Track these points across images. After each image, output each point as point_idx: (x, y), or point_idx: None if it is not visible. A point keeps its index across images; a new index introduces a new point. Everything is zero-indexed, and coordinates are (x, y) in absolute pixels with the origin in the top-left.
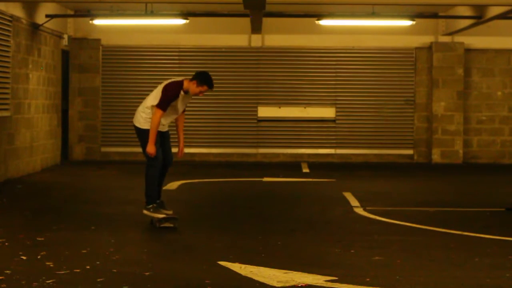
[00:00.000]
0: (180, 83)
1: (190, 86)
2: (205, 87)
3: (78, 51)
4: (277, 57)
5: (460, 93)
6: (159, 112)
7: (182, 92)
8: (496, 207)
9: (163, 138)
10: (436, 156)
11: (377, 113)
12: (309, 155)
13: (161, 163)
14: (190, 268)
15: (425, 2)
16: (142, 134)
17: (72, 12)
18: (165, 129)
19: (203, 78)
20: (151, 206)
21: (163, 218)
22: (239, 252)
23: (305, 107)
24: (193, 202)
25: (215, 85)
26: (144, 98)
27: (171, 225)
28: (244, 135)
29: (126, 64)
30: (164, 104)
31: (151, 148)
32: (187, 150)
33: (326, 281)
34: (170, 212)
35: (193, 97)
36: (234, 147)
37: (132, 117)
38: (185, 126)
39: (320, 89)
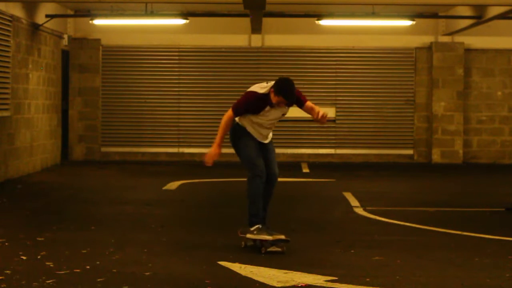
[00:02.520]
0: (264, 97)
1: (271, 95)
2: (281, 98)
3: (78, 51)
4: (277, 57)
5: (460, 93)
6: (230, 114)
7: (269, 106)
8: (496, 207)
9: (266, 151)
10: (436, 156)
11: (377, 113)
12: (309, 155)
13: (264, 175)
14: (190, 268)
15: (425, 2)
16: (231, 134)
17: (72, 12)
18: (266, 140)
19: (277, 87)
20: (255, 228)
21: (274, 240)
22: (239, 252)
23: None
24: (193, 202)
25: (214, 85)
26: (144, 98)
27: (279, 249)
28: None
29: (126, 64)
30: (239, 109)
31: (212, 151)
32: (187, 150)
33: (326, 281)
34: (281, 236)
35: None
36: None
37: (132, 117)
38: (185, 126)
39: (320, 89)
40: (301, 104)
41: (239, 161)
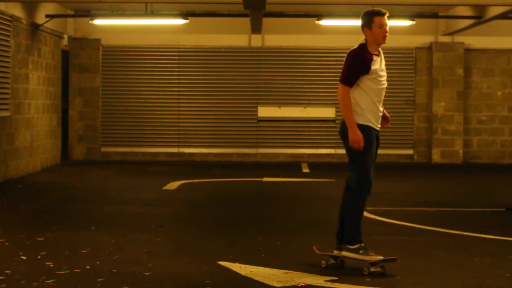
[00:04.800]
0: (362, 49)
1: (368, 38)
2: (378, 19)
3: (78, 51)
4: (277, 57)
5: (460, 93)
6: (344, 88)
7: (372, 57)
8: (496, 207)
9: (376, 148)
10: (436, 156)
11: None
12: (309, 155)
13: (371, 186)
14: (190, 268)
15: (425, 2)
16: (345, 131)
17: (72, 12)
18: (379, 123)
19: (366, 15)
20: (358, 245)
21: (380, 260)
22: (239, 252)
23: (305, 107)
24: (193, 202)
25: (214, 85)
26: (144, 98)
27: (380, 269)
28: (244, 135)
29: (126, 64)
30: (350, 75)
31: (354, 134)
32: (187, 150)
33: (326, 281)
34: (381, 257)
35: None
36: (234, 147)
37: (132, 117)
38: (185, 126)
39: (320, 89)
40: None
41: (239, 161)
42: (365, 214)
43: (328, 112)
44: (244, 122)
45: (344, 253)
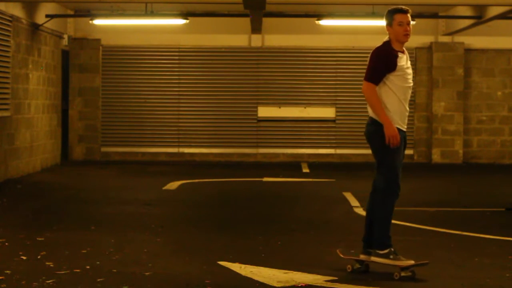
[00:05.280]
0: (386, 46)
1: (390, 36)
2: (398, 17)
3: (78, 51)
4: (277, 57)
5: (460, 93)
6: (369, 85)
7: (397, 53)
8: (496, 207)
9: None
10: (436, 156)
11: None
12: (309, 155)
13: (399, 189)
14: (190, 268)
15: (425, 2)
16: (372, 133)
17: (72, 12)
18: (405, 123)
19: (388, 13)
20: (387, 250)
21: (412, 265)
22: (239, 252)
23: (305, 107)
24: (193, 202)
25: (214, 85)
26: (144, 98)
27: (410, 273)
28: (244, 135)
29: (126, 64)
30: (376, 72)
31: (391, 129)
32: (187, 150)
33: (326, 281)
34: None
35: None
36: (234, 147)
37: (132, 117)
38: (185, 126)
39: (320, 89)
40: None
41: (239, 161)
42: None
43: (328, 112)
44: (244, 122)
45: (374, 258)
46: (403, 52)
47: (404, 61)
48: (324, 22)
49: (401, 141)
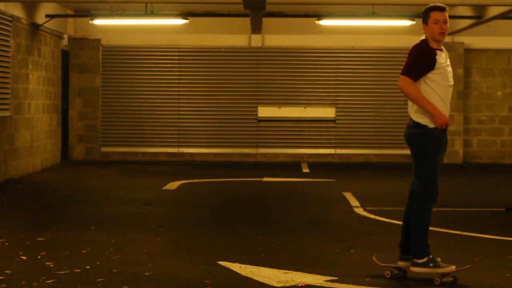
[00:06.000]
0: (424, 43)
1: (426, 34)
2: (434, 14)
3: (78, 51)
4: (277, 57)
5: (460, 93)
6: (405, 79)
7: (435, 51)
8: (496, 207)
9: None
10: None
11: (377, 113)
12: (309, 155)
13: (438, 195)
14: (190, 268)
15: (425, 2)
16: (413, 136)
17: (72, 12)
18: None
19: (424, 10)
20: (426, 259)
21: (453, 271)
22: (239, 252)
23: (305, 107)
24: (193, 202)
25: (214, 85)
26: (144, 98)
27: (451, 279)
28: (244, 135)
29: (126, 64)
30: (413, 68)
31: (440, 115)
32: (187, 150)
33: (326, 281)
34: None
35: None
36: (234, 147)
37: (132, 117)
38: (185, 126)
39: (320, 89)
40: None
41: (239, 161)
42: (365, 214)
43: (328, 112)
44: (244, 122)
45: (413, 269)
46: (441, 50)
47: (443, 58)
48: (324, 22)
49: (442, 145)
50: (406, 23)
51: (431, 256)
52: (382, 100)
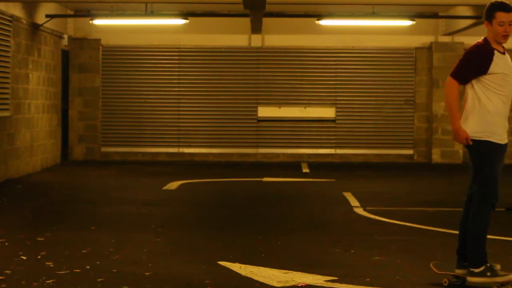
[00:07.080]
0: (482, 45)
1: (489, 33)
2: (500, 15)
3: (78, 51)
4: (277, 57)
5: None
6: (451, 81)
7: (493, 52)
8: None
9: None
10: (436, 156)
11: (377, 113)
12: (309, 155)
13: (496, 201)
14: (190, 268)
15: (425, 2)
16: (472, 147)
17: (72, 12)
18: (505, 135)
19: (489, 6)
20: (483, 268)
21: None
22: (239, 252)
23: (305, 107)
24: (193, 202)
25: (214, 85)
26: (144, 98)
27: (510, 287)
28: (244, 135)
29: (126, 64)
30: (464, 70)
31: (456, 133)
32: (187, 150)
33: (326, 281)
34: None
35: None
36: (234, 147)
37: (132, 117)
38: (185, 126)
39: (320, 89)
40: None
41: (239, 161)
42: (365, 214)
43: (328, 112)
44: (244, 122)
45: (470, 279)
46: (503, 52)
47: (502, 62)
48: (324, 22)
49: (502, 154)
50: (406, 23)
51: (488, 265)
52: (382, 100)
